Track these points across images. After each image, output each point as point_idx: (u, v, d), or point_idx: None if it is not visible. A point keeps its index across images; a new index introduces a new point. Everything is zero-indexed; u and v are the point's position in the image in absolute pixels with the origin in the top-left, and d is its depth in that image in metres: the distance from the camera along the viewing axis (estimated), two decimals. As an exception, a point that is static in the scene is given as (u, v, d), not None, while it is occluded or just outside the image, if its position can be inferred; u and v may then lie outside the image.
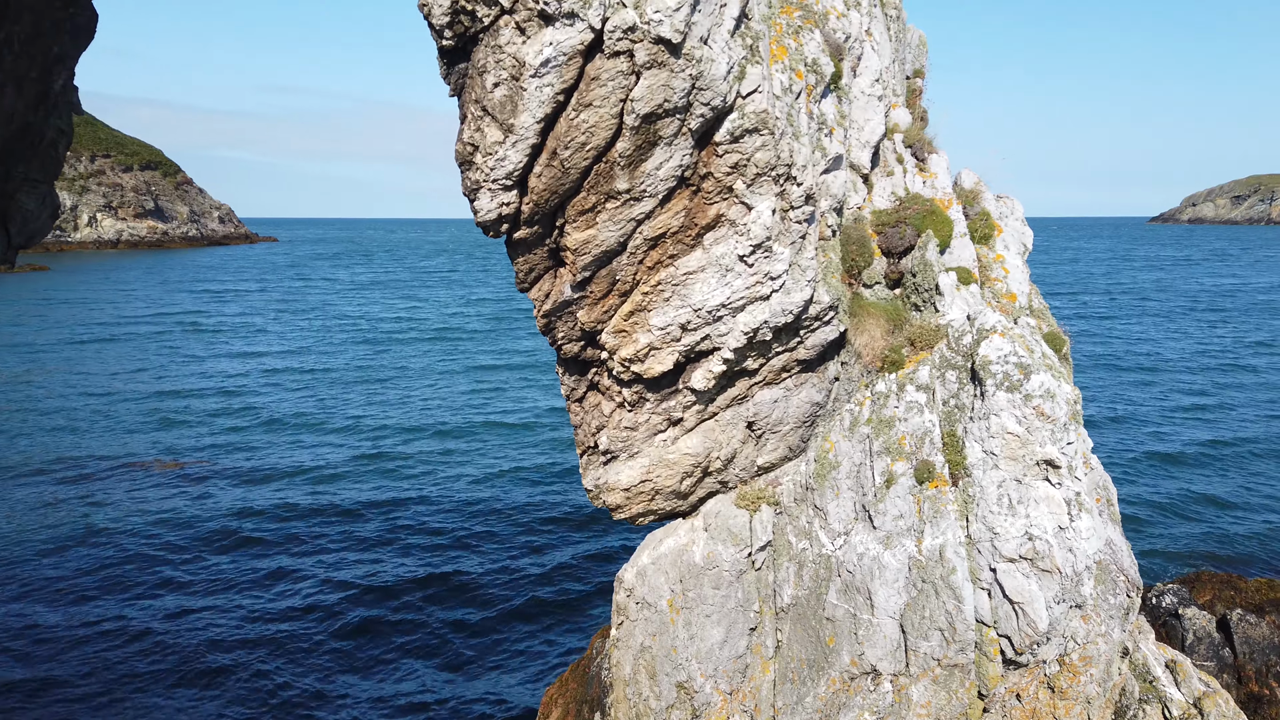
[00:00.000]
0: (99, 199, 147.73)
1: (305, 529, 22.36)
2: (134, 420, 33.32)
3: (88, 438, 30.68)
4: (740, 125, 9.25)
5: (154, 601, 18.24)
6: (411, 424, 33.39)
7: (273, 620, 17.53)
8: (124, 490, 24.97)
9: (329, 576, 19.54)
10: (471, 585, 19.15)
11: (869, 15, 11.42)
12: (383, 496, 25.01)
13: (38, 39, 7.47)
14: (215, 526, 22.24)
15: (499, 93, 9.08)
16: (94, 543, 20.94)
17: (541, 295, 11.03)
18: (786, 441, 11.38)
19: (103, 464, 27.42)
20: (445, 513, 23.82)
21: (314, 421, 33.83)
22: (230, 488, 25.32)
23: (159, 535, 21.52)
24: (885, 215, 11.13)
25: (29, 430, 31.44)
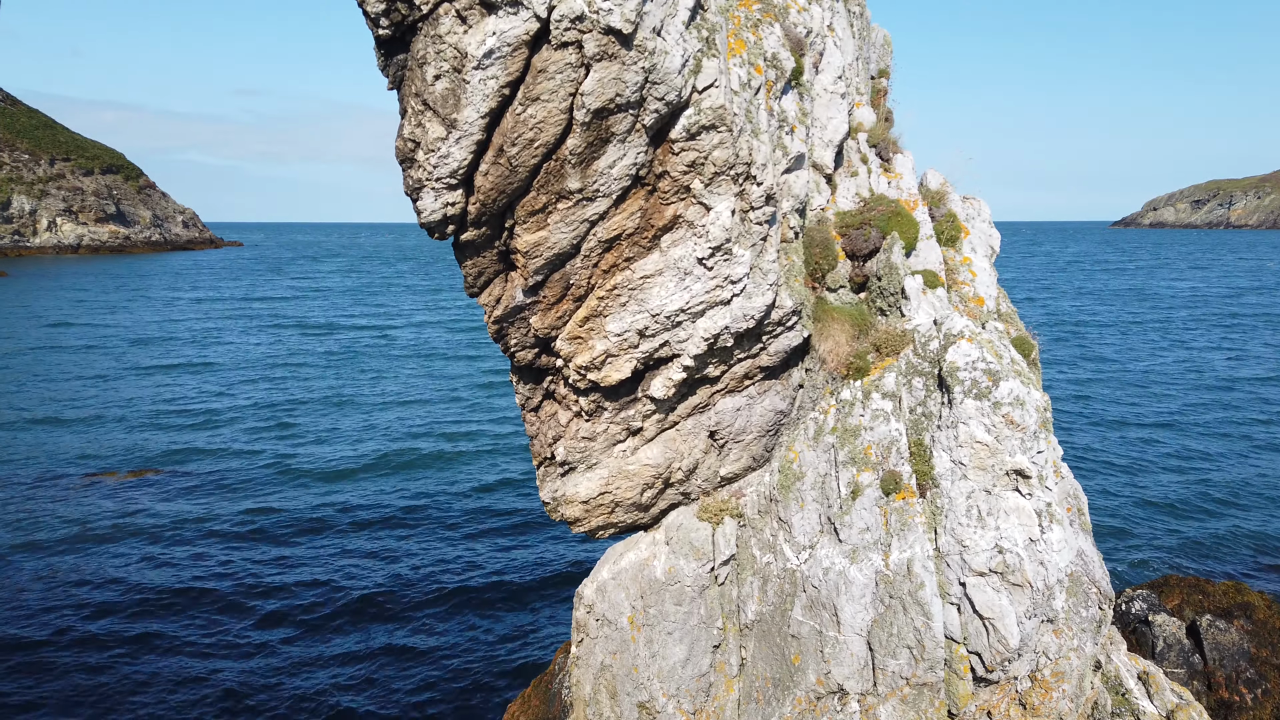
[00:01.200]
0: (59, 203, 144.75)
1: (263, 538, 21.65)
2: (93, 431, 32.32)
3: (45, 449, 29.68)
4: (697, 121, 8.82)
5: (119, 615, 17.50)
6: (376, 431, 32.69)
7: (222, 629, 16.87)
8: (84, 500, 24.12)
9: (283, 585, 18.88)
10: (433, 598, 18.58)
11: (831, 10, 11.04)
12: (335, 501, 24.35)
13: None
14: (177, 535, 21.48)
15: (440, 85, 8.58)
16: (49, 554, 20.13)
17: (492, 300, 10.52)
18: (750, 451, 10.96)
19: (63, 473, 26.51)
20: (401, 524, 23.21)
21: (280, 430, 33.00)
22: (196, 497, 24.54)
23: (118, 545, 20.75)
24: (849, 217, 10.75)
25: (-26, 442, 30.37)
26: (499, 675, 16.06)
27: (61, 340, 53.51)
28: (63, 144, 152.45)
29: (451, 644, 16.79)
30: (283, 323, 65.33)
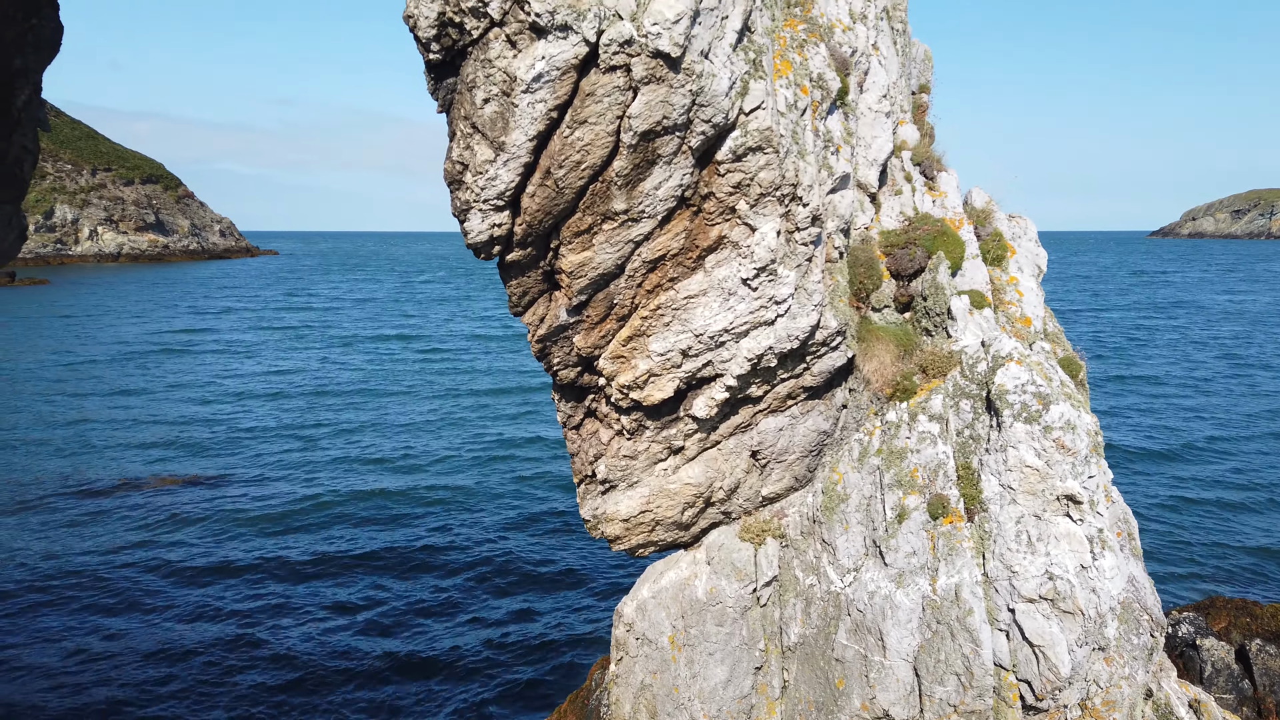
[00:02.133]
0: (100, 212, 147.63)
1: (295, 547, 21.87)
2: (130, 438, 32.86)
3: (83, 457, 30.22)
4: (743, 143, 8.80)
5: (155, 617, 17.76)
6: (410, 444, 32.92)
7: (249, 630, 17.05)
8: (123, 507, 24.51)
9: (319, 600, 19.04)
10: (463, 610, 18.65)
11: (875, 29, 11.00)
12: (377, 514, 24.53)
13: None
14: (211, 543, 21.75)
15: (489, 109, 8.65)
16: (90, 562, 20.48)
17: (536, 319, 10.57)
18: (792, 471, 10.89)
19: (99, 482, 26.98)
20: (442, 534, 23.32)
21: (313, 438, 33.35)
22: (230, 503, 24.86)
23: (152, 553, 21.05)
24: (894, 236, 10.68)
25: (23, 444, 30.98)
26: (532, 690, 16.07)
27: (98, 349, 54.49)
28: (104, 154, 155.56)
29: (485, 658, 16.83)
30: (318, 332, 66.06)
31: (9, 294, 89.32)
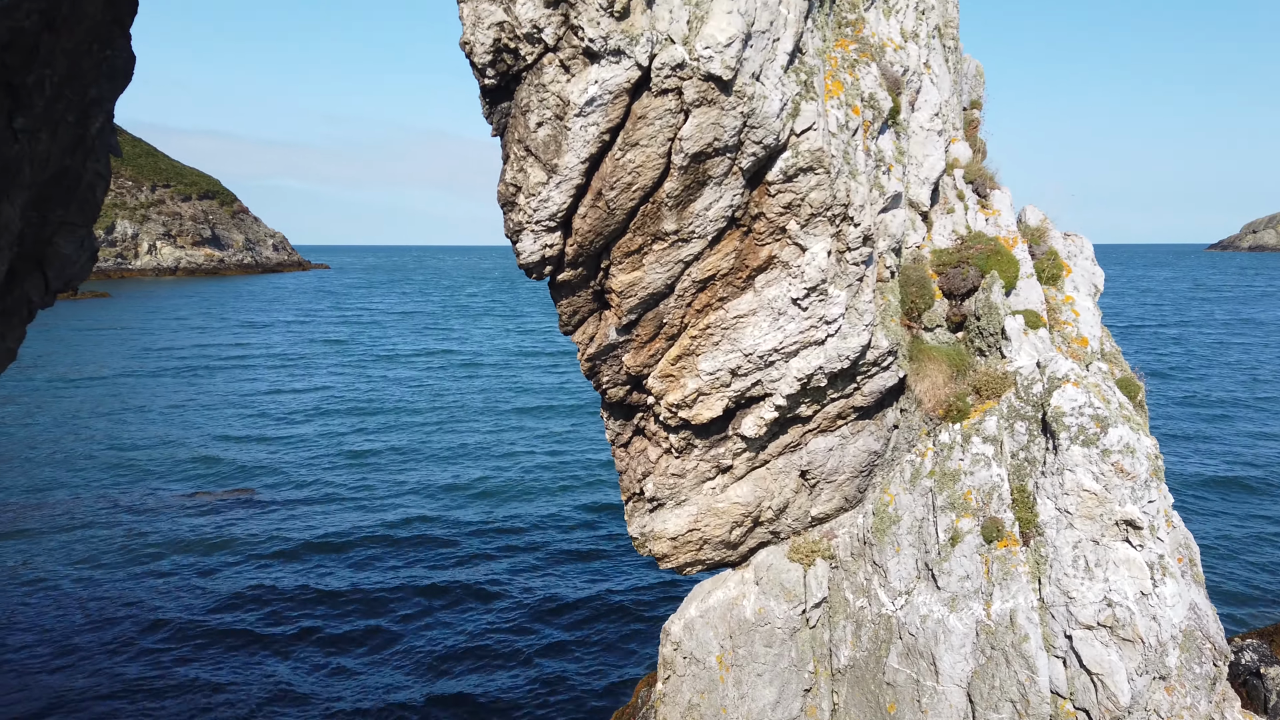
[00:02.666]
0: (159, 227, 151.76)
1: (335, 569, 22.18)
2: (176, 453, 33.64)
3: (130, 470, 31.01)
4: (794, 164, 8.81)
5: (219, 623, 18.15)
6: (461, 457, 33.24)
7: (312, 643, 17.31)
8: (176, 517, 25.11)
9: (367, 600, 19.29)
10: (509, 620, 18.75)
11: (927, 47, 10.94)
12: (423, 528, 24.80)
13: (73, 82, 7.34)
14: (251, 564, 22.17)
15: (542, 132, 8.76)
16: (146, 568, 20.99)
17: (586, 338, 10.65)
18: (842, 492, 10.81)
19: (147, 496, 27.67)
20: (483, 549, 23.50)
21: (359, 456, 33.85)
22: (290, 514, 25.33)
23: (210, 560, 21.52)
24: (946, 255, 10.58)
25: (78, 456, 31.89)
26: (578, 707, 16.09)
27: (158, 361, 55.91)
28: (163, 171, 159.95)
29: (528, 674, 16.90)
30: (365, 347, 67.07)
31: (71, 307, 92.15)
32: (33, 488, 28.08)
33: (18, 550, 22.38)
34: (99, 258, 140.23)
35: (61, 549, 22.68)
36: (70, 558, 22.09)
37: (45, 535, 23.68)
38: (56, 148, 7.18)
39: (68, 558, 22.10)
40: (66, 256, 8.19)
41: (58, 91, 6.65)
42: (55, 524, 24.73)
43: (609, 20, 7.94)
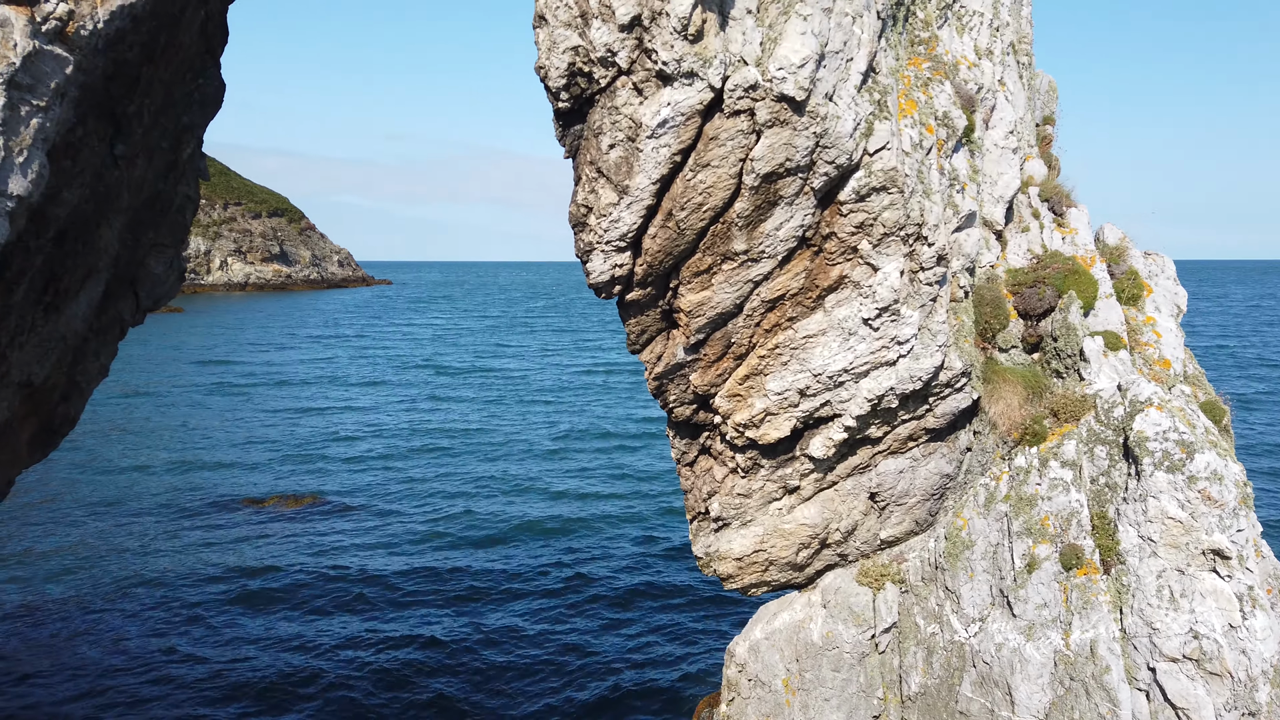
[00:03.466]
0: (230, 244, 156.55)
1: (410, 568, 22.49)
2: (255, 461, 34.50)
3: (213, 477, 31.91)
4: (867, 184, 8.74)
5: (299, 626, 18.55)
6: (514, 478, 33.50)
7: (378, 648, 17.57)
8: (249, 524, 25.78)
9: (417, 620, 19.51)
10: (569, 639, 18.79)
11: (1002, 64, 10.78)
12: (484, 545, 25.03)
13: (168, 110, 7.66)
14: (334, 561, 22.61)
15: (614, 154, 8.85)
16: (219, 576, 21.57)
17: (653, 357, 10.67)
18: (913, 515, 10.63)
19: (226, 500, 28.45)
20: (546, 562, 23.61)
21: (419, 472, 34.34)
22: (351, 524, 25.82)
23: (292, 566, 22.03)
24: (1022, 274, 10.38)
25: (155, 467, 32.93)
26: (633, 712, 16.03)
27: (229, 375, 57.49)
28: (235, 189, 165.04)
29: (586, 694, 16.89)
30: (426, 362, 68.11)
31: (146, 320, 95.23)
32: (102, 500, 29.03)
33: (90, 561, 23.13)
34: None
35: (129, 559, 23.38)
36: (135, 569, 22.76)
37: (113, 547, 24.44)
38: (151, 173, 7.49)
39: (134, 568, 22.77)
40: (157, 276, 8.53)
41: (154, 119, 6.95)
42: (124, 535, 25.52)
43: (683, 43, 8.00)
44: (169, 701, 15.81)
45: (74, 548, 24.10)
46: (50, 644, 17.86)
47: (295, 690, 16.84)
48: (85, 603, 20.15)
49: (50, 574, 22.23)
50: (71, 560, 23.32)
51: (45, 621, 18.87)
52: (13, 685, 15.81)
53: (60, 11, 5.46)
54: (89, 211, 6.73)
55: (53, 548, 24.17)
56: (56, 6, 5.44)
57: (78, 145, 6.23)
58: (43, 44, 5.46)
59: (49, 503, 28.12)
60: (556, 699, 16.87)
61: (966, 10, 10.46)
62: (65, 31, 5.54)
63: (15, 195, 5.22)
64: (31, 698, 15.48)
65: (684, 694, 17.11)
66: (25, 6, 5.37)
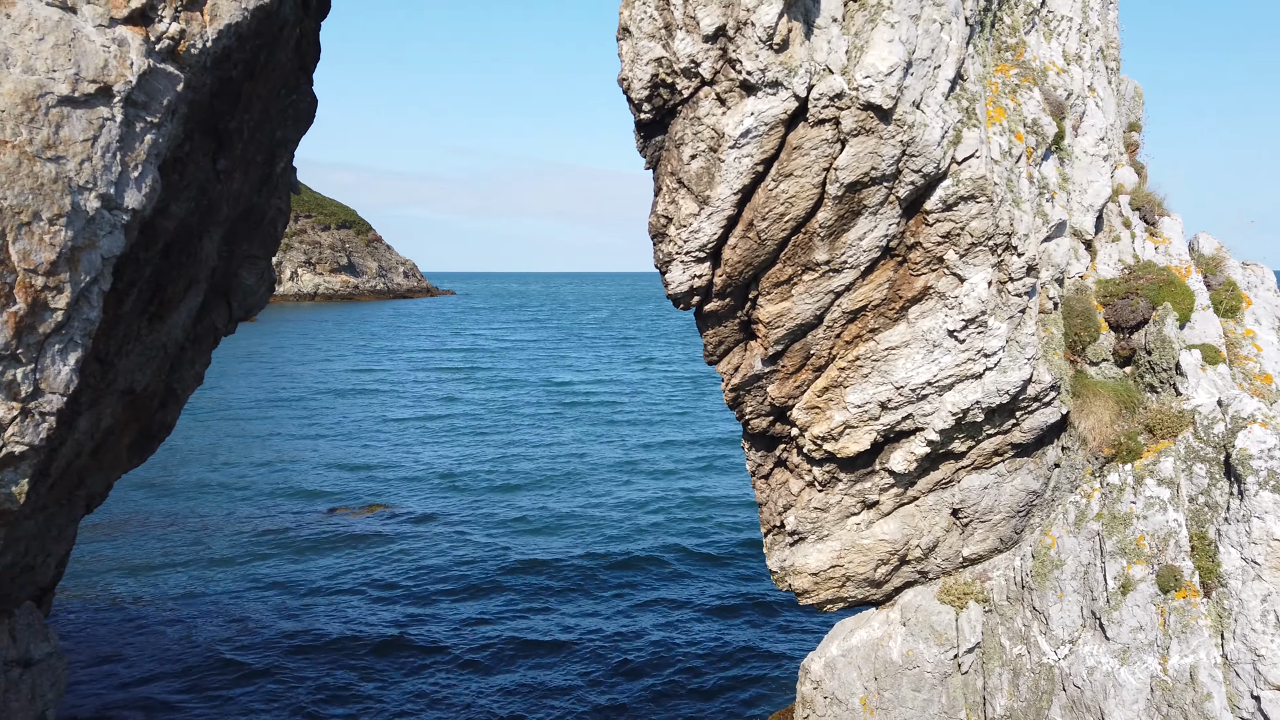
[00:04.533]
0: (300, 255, 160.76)
1: (486, 577, 22.71)
2: (330, 469, 35.25)
3: (291, 483, 32.69)
4: (955, 192, 8.57)
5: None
6: (582, 482, 33.63)
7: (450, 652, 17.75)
8: (317, 530, 26.34)
9: (495, 620, 19.64)
10: (642, 647, 18.73)
11: (1091, 70, 10.50)
12: (551, 554, 25.14)
13: (265, 125, 7.88)
14: (417, 566, 22.96)
15: (695, 165, 8.82)
16: (303, 577, 22.08)
17: (730, 369, 10.60)
18: (997, 532, 10.35)
19: (294, 507, 29.13)
20: (613, 570, 23.61)
21: (483, 485, 34.69)
22: (426, 529, 26.22)
23: (371, 573, 22.46)
24: (1113, 285, 10.06)
25: (226, 475, 33.87)
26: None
27: (291, 386, 58.89)
28: (305, 203, 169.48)
29: (658, 701, 16.80)
30: (487, 373, 68.85)
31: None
32: (175, 505, 29.89)
33: (166, 566, 23.82)
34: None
35: (202, 566, 24.02)
36: (209, 575, 23.37)
37: (187, 555, 25.13)
38: (247, 186, 7.71)
39: (208, 576, 23.38)
40: (249, 287, 8.79)
41: (252, 134, 7.15)
42: (195, 538, 26.24)
43: (768, 53, 7.95)
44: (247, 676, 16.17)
45: (150, 550, 24.84)
46: (130, 635, 18.44)
47: (363, 692, 17.08)
48: (157, 602, 20.74)
49: (128, 573, 22.96)
50: (149, 560, 24.08)
51: (130, 614, 19.45)
52: (89, 666, 16.33)
53: (173, 31, 5.65)
54: (193, 224, 6.96)
55: (131, 551, 24.98)
56: (169, 26, 5.64)
57: (185, 160, 6.45)
58: (156, 63, 5.66)
59: (125, 521, 29.07)
60: (618, 706, 16.83)
61: (1054, 15, 10.21)
62: (177, 50, 5.73)
63: (130, 209, 5.42)
64: (115, 679, 16.02)
65: (754, 709, 16.92)
66: (141, 26, 5.57)
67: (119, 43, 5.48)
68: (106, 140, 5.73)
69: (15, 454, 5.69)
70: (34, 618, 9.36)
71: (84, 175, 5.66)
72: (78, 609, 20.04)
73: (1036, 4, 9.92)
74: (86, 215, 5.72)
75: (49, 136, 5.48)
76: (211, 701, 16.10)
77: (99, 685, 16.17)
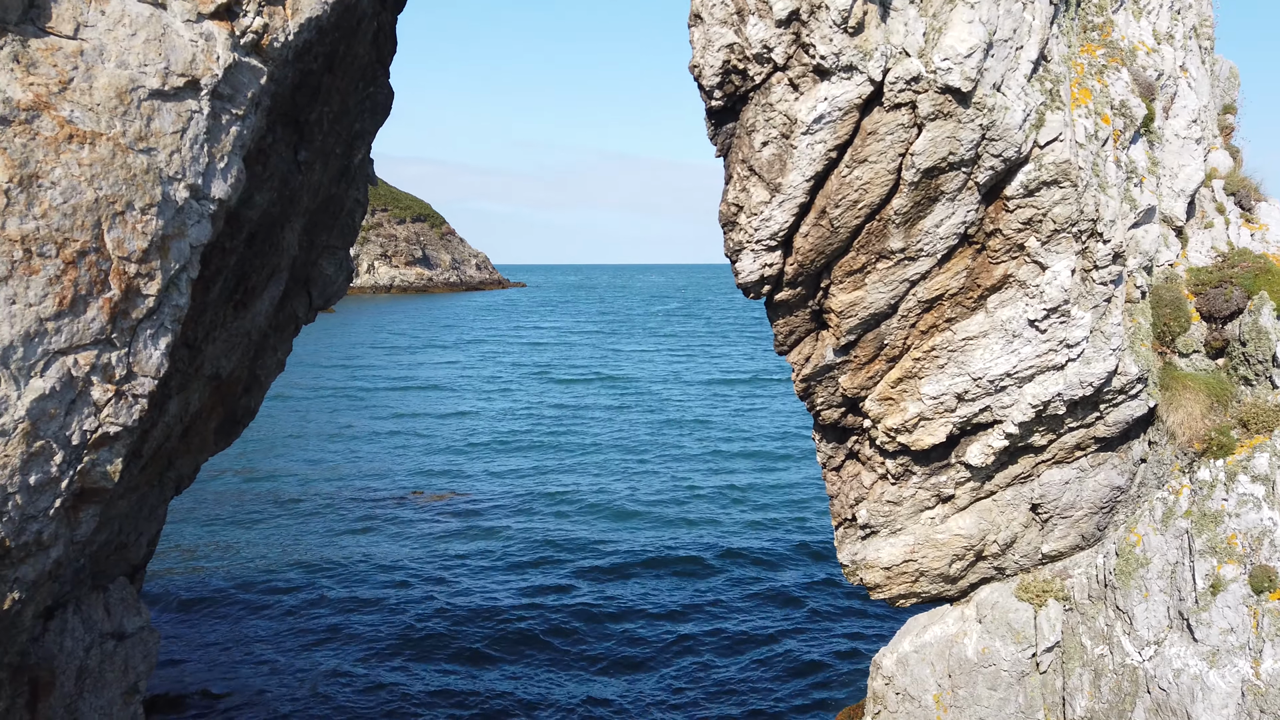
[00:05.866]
0: (376, 248, 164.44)
1: (552, 567, 22.97)
2: (401, 457, 36.05)
3: (363, 469, 33.56)
4: (1037, 177, 8.30)
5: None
6: (651, 482, 33.71)
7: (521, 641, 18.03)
8: (389, 519, 27.00)
9: (546, 612, 19.85)
10: (710, 639, 18.72)
11: (1183, 49, 10.06)
12: (618, 540, 25.29)
13: (344, 117, 8.08)
14: (469, 548, 23.39)
15: (767, 151, 8.73)
16: (372, 565, 22.68)
17: (801, 359, 10.48)
18: (1078, 529, 10.04)
19: (383, 490, 29.90)
20: (682, 571, 23.63)
21: (559, 465, 35.03)
22: (493, 518, 26.67)
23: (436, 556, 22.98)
24: (1204, 274, 9.64)
25: (298, 465, 34.89)
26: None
27: (376, 374, 60.29)
28: (382, 196, 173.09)
29: (726, 696, 16.76)
30: (559, 369, 69.39)
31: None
32: (248, 495, 30.90)
33: (247, 545, 24.64)
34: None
35: (283, 547, 24.78)
36: (281, 558, 24.09)
37: (261, 540, 25.95)
38: (326, 177, 7.91)
39: (280, 558, 24.11)
40: (328, 277, 9.04)
41: (331, 126, 7.33)
42: (268, 530, 27.08)
43: (842, 36, 7.81)
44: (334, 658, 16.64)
45: (223, 541, 25.65)
46: (205, 632, 19.14)
47: (441, 700, 17.41)
48: (234, 595, 21.43)
49: (218, 554, 23.82)
50: (232, 541, 24.93)
51: (201, 614, 20.16)
52: (165, 669, 16.97)
53: (256, 25, 5.82)
54: (275, 214, 7.19)
55: (219, 533, 25.89)
56: (254, 20, 5.81)
57: (268, 151, 6.66)
58: (241, 56, 5.83)
59: (210, 503, 30.09)
60: (690, 702, 16.84)
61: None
62: (260, 44, 5.90)
63: (217, 199, 5.61)
64: (185, 675, 16.66)
65: (823, 703, 16.76)
66: (226, 21, 5.74)
67: (206, 37, 5.67)
68: (194, 132, 5.94)
69: (110, 434, 5.95)
70: (127, 593, 9.80)
71: (173, 166, 5.88)
72: (181, 588, 20.90)
73: (1125, -20, 9.55)
74: (176, 205, 5.94)
75: (141, 129, 5.71)
76: (304, 681, 16.61)
77: (197, 665, 16.85)
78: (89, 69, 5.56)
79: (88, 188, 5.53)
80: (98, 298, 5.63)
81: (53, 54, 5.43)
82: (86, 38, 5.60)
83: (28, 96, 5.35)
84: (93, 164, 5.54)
